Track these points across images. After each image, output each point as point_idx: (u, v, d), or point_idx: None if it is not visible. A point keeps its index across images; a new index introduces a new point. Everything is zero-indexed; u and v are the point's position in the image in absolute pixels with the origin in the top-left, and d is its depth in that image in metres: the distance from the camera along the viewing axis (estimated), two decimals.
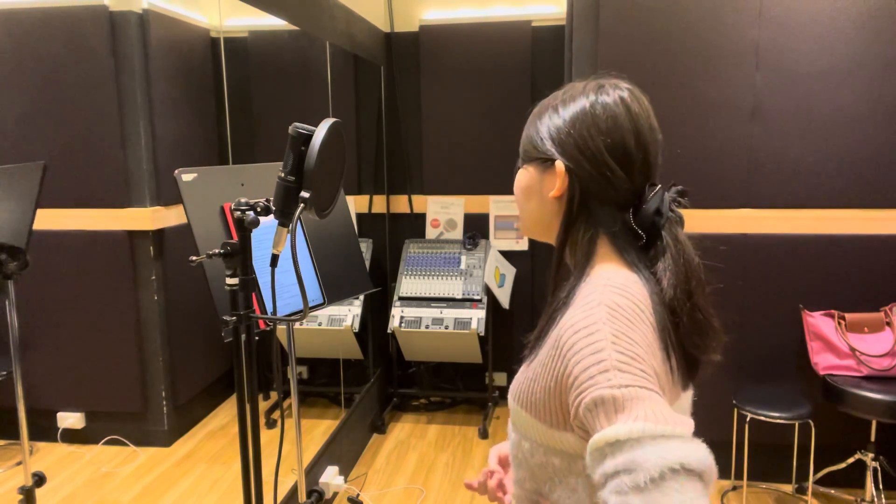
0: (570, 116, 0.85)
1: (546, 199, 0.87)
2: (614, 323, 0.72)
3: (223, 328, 1.49)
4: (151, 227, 2.75)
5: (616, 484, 0.62)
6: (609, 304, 0.75)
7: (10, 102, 2.57)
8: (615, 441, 0.63)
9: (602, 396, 0.67)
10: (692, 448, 0.63)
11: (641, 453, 0.61)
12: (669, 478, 0.60)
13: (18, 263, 1.85)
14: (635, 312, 0.75)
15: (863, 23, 2.53)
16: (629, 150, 0.83)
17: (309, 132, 1.21)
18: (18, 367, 1.94)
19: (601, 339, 0.71)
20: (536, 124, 0.89)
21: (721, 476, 2.87)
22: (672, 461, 0.60)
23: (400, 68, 3.67)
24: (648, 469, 0.60)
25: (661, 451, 0.61)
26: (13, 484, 2.36)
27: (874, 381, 2.46)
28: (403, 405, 3.84)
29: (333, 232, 2.08)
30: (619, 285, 0.78)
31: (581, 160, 0.83)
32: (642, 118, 0.84)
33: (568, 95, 0.87)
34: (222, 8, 2.96)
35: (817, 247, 2.66)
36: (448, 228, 3.70)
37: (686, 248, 0.82)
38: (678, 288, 0.79)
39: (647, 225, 0.83)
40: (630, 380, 0.67)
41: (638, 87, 0.88)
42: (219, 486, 2.67)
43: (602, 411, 0.67)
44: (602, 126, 0.83)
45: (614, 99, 0.84)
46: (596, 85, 0.86)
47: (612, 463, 0.63)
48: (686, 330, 0.79)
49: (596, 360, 0.69)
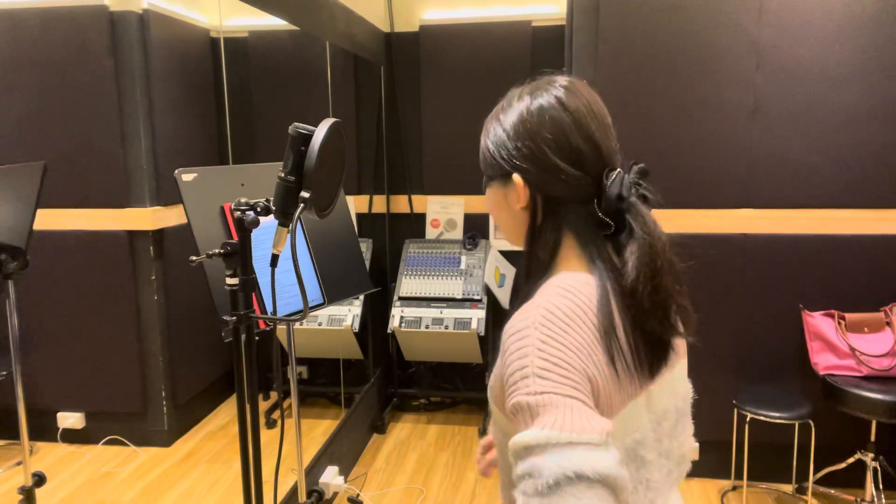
0: (510, 127, 0.85)
1: (515, 211, 0.88)
2: (545, 327, 0.74)
3: (223, 328, 1.49)
4: (151, 227, 2.75)
5: (522, 486, 0.67)
6: (546, 307, 0.76)
7: (10, 102, 2.57)
8: (525, 446, 0.67)
9: (520, 403, 0.70)
10: (593, 456, 0.65)
11: (542, 460, 0.65)
12: (565, 484, 0.63)
13: (18, 263, 1.85)
14: (574, 314, 0.76)
15: (863, 23, 2.53)
16: (575, 145, 0.82)
17: (309, 132, 1.21)
18: (18, 367, 1.94)
19: (528, 344, 0.73)
20: (486, 139, 0.89)
21: (721, 476, 2.87)
22: (567, 469, 0.64)
23: (400, 68, 3.67)
24: (546, 476, 0.64)
25: (559, 459, 0.65)
26: (13, 484, 2.36)
27: (874, 381, 2.46)
28: (403, 405, 3.84)
29: (333, 232, 2.08)
30: (566, 287, 0.79)
31: (531, 168, 0.83)
32: (582, 110, 0.83)
33: (506, 105, 0.87)
34: (222, 8, 2.96)
35: (817, 247, 2.66)
36: (448, 228, 3.70)
37: (652, 228, 0.81)
38: (642, 270, 0.78)
39: (611, 211, 0.82)
40: (548, 386, 0.70)
41: (575, 77, 0.88)
42: (219, 486, 2.67)
43: (520, 417, 0.70)
44: (541, 130, 0.83)
45: (548, 100, 0.84)
46: (530, 88, 0.87)
47: (521, 466, 0.67)
48: (647, 311, 0.78)
49: (520, 365, 0.72)
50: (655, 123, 2.67)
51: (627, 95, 2.66)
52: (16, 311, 1.91)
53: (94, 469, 2.68)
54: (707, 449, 2.84)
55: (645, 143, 2.68)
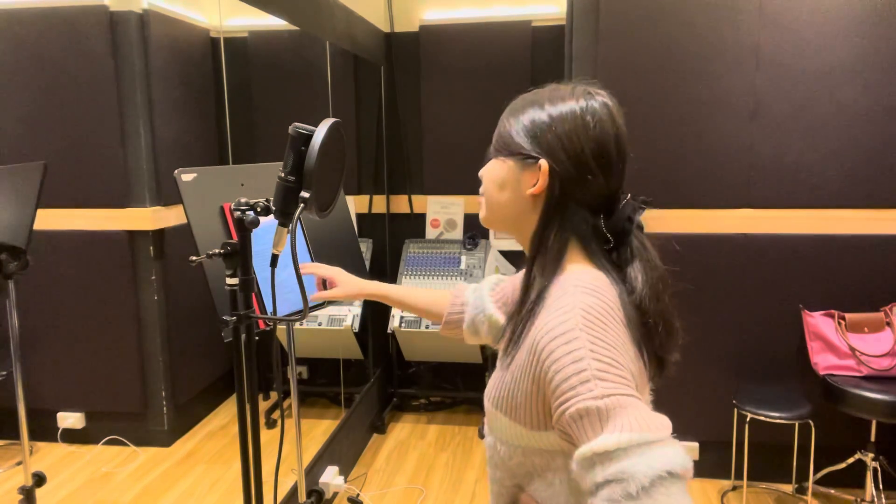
0: (558, 116, 0.86)
1: (521, 195, 0.88)
2: (590, 328, 0.74)
3: (223, 328, 1.49)
4: (151, 227, 2.75)
5: (608, 493, 0.66)
6: (583, 308, 0.76)
7: (10, 102, 2.57)
8: (604, 452, 0.67)
9: (587, 408, 0.69)
10: (675, 452, 0.66)
11: (630, 463, 0.65)
12: (658, 485, 0.64)
13: (19, 263, 1.85)
14: (608, 312, 0.77)
15: (863, 22, 2.53)
16: (611, 155, 0.85)
17: (309, 132, 1.21)
18: (18, 367, 1.94)
19: (579, 346, 0.73)
20: (519, 118, 0.89)
21: (721, 476, 2.87)
22: (660, 469, 0.64)
23: (400, 68, 3.67)
24: (639, 479, 0.64)
25: (648, 461, 0.65)
26: (13, 484, 2.36)
27: (874, 381, 2.46)
28: (403, 405, 3.84)
29: (333, 232, 2.08)
30: (589, 285, 0.80)
31: (565, 161, 0.84)
32: (623, 129, 0.87)
33: (556, 96, 0.88)
34: (222, 8, 2.96)
35: (817, 247, 2.66)
36: (448, 228, 3.70)
37: (652, 255, 0.85)
38: (646, 290, 0.81)
39: (617, 230, 0.85)
40: (611, 388, 0.70)
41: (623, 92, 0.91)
42: (219, 486, 2.67)
43: (587, 422, 0.69)
44: (590, 130, 0.84)
45: (601, 105, 0.86)
46: (584, 90, 0.88)
47: (603, 473, 0.66)
48: (653, 331, 0.81)
49: (576, 369, 0.71)
50: (655, 123, 2.67)
51: (627, 95, 2.65)
52: (16, 311, 1.91)
53: (94, 469, 2.68)
54: (707, 449, 2.84)
55: (645, 143, 2.68)
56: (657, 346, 0.82)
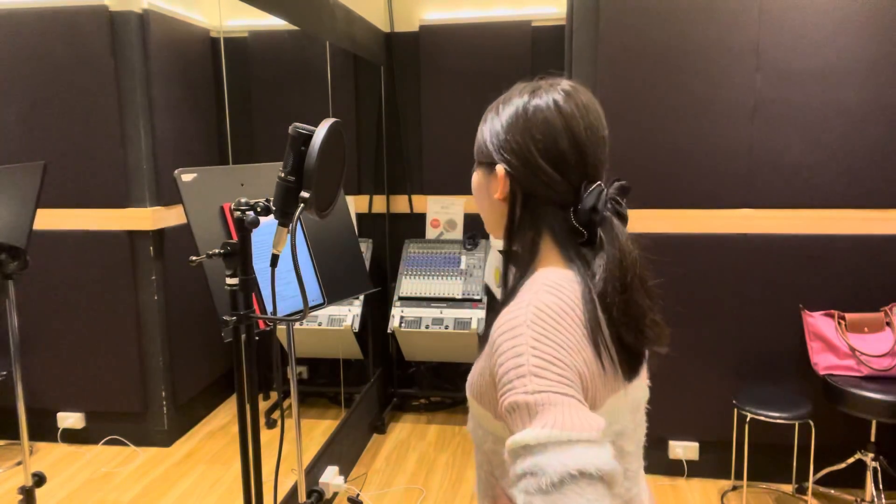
0: (505, 120, 0.87)
1: (494, 200, 0.90)
2: (537, 325, 0.75)
3: (223, 328, 1.49)
4: (151, 227, 2.75)
5: (524, 485, 0.68)
6: (537, 305, 0.77)
7: (10, 102, 2.57)
8: (525, 445, 0.69)
9: (517, 402, 0.72)
10: (595, 454, 0.67)
11: (544, 458, 0.67)
12: (569, 482, 0.65)
13: (18, 263, 1.85)
14: (563, 311, 0.77)
15: (862, 22, 2.53)
16: (562, 151, 0.84)
17: (309, 132, 1.21)
18: (18, 367, 1.94)
19: (522, 342, 0.74)
20: (482, 127, 0.91)
21: (721, 476, 2.87)
22: (571, 467, 0.66)
23: (400, 68, 3.67)
24: (550, 474, 0.66)
25: (562, 458, 0.66)
26: (13, 484, 2.36)
27: (874, 381, 2.46)
28: (403, 405, 3.84)
29: (333, 232, 2.08)
30: (552, 284, 0.81)
31: (515, 163, 0.85)
32: (577, 118, 0.84)
33: (507, 98, 0.89)
34: (222, 8, 2.96)
35: (817, 247, 2.66)
36: (448, 228, 3.70)
37: (623, 243, 0.82)
38: (610, 283, 0.80)
39: (585, 222, 0.85)
40: (544, 385, 0.71)
41: (580, 85, 0.89)
42: (219, 486, 2.67)
43: (518, 415, 0.71)
44: (533, 129, 0.84)
45: (546, 101, 0.85)
46: (531, 87, 0.88)
47: (521, 465, 0.69)
48: (618, 323, 0.81)
49: (515, 364, 0.73)
50: (655, 123, 2.67)
51: (627, 95, 2.66)
52: (16, 311, 1.91)
53: (94, 469, 2.68)
54: (707, 449, 2.84)
55: (645, 143, 2.68)
56: (630, 339, 0.81)
